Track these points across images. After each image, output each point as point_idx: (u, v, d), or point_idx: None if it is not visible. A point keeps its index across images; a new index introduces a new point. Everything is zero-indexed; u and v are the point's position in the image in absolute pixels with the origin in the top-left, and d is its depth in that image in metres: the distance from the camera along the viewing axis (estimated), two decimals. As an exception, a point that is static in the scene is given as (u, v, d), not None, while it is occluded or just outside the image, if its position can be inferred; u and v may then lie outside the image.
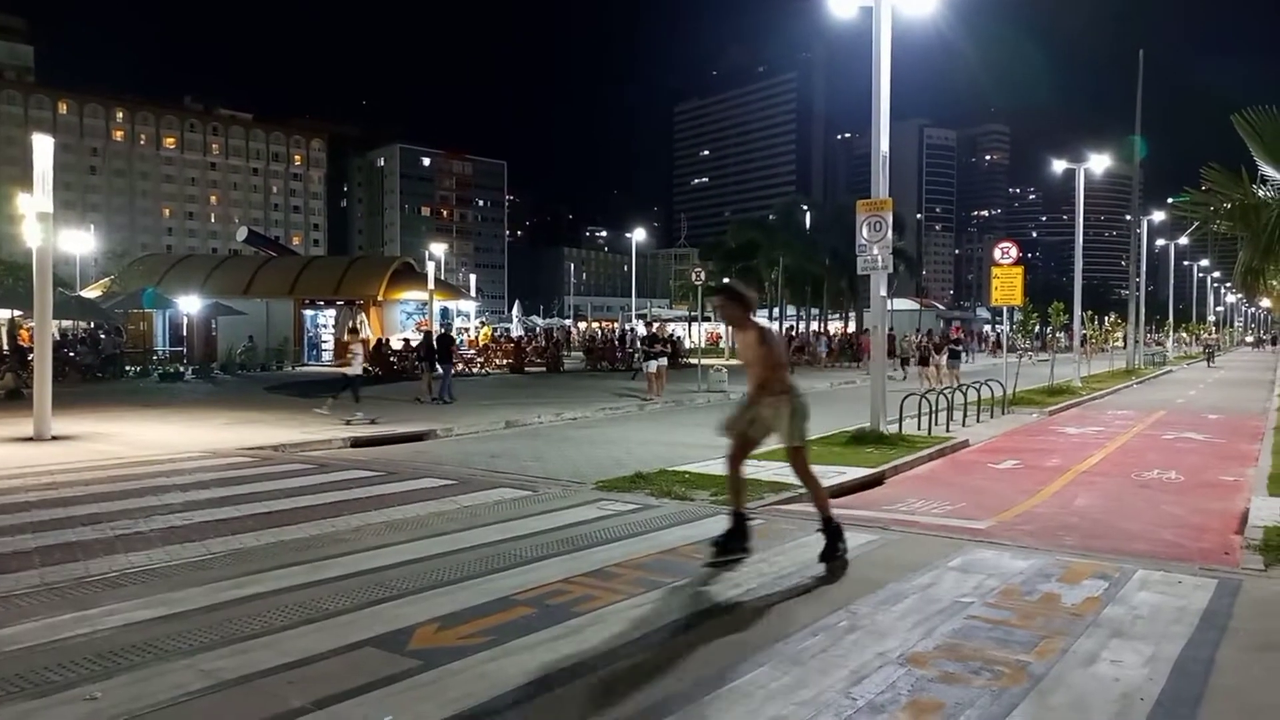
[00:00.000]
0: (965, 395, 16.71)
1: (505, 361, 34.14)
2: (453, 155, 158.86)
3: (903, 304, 60.15)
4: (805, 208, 57.29)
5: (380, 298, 35.90)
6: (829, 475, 10.27)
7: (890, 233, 13.80)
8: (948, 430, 14.86)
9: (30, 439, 12.72)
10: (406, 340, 32.37)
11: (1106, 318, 77.72)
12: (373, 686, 4.08)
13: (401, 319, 37.28)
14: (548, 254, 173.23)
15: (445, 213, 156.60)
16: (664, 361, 23.37)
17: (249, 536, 7.19)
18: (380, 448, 13.04)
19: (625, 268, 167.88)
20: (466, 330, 40.49)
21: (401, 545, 6.95)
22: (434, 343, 20.99)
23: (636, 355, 28.21)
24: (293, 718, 3.77)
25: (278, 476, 10.31)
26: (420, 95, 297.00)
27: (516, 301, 68.69)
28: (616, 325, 58.88)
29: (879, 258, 13.72)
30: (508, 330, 53.76)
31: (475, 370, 30.57)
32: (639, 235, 62.44)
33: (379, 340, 31.14)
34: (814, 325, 56.35)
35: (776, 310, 54.35)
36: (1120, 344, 55.34)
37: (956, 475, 11.27)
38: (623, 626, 4.97)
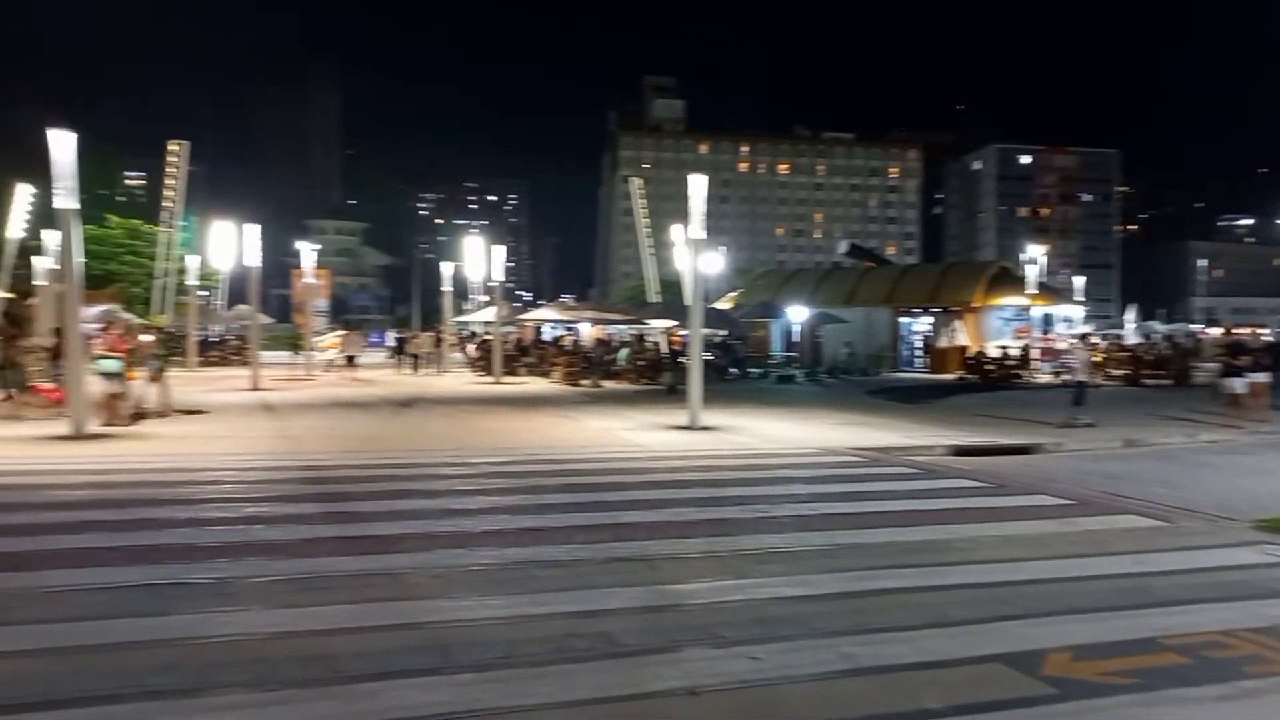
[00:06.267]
0: None
1: (1119, 373, 30.74)
2: (1055, 150, 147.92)
3: None
4: None
5: (976, 304, 35.09)
6: None
7: None
8: None
9: (686, 428, 15.29)
10: (1004, 348, 31.16)
11: None
12: (1006, 705, 4.02)
13: (998, 326, 35.94)
14: (1168, 249, 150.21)
15: (1044, 211, 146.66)
16: (1262, 377, 17.29)
17: (866, 532, 7.64)
18: (984, 458, 12.74)
19: (1275, 261, 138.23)
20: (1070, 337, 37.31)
21: (1020, 563, 6.70)
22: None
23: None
24: (928, 719, 3.89)
25: (886, 478, 10.75)
26: (1018, 93, 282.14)
27: (1134, 305, 60.90)
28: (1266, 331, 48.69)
29: None
30: (1119, 337, 48.12)
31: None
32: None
33: (976, 350, 30.49)
34: None
35: None
36: None
37: None
38: (1314, 702, 4.09)
